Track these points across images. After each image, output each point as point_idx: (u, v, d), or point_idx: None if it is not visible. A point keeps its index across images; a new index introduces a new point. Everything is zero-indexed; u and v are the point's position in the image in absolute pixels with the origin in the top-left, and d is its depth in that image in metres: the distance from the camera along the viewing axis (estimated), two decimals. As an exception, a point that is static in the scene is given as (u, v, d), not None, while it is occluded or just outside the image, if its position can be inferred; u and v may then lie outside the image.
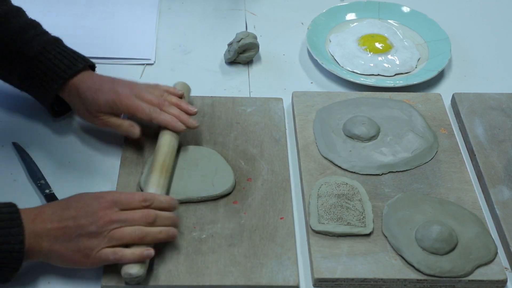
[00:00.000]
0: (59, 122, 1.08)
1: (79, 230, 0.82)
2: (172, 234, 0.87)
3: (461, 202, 0.98)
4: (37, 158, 1.01)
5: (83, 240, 0.82)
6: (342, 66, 1.23)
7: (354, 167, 1.02)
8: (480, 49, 1.30)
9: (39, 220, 0.82)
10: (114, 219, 0.84)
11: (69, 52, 1.01)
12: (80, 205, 0.84)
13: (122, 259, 0.83)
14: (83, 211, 0.83)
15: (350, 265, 0.89)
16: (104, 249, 0.83)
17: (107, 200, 0.85)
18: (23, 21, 1.02)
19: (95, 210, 0.84)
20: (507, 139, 1.08)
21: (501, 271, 0.90)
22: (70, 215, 0.83)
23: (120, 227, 0.84)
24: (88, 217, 0.83)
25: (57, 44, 1.02)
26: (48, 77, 0.99)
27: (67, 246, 0.82)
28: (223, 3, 1.37)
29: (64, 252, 0.82)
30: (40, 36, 1.01)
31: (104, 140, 1.06)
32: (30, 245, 0.81)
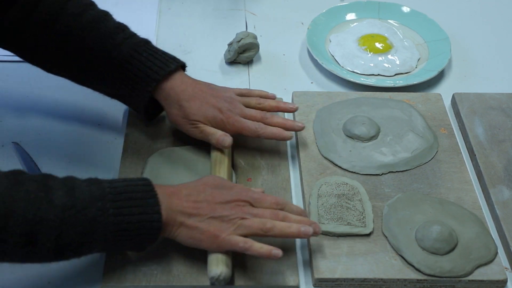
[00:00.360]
0: (59, 122, 1.08)
1: (212, 213, 0.85)
2: (305, 231, 0.86)
3: (461, 202, 0.98)
4: (37, 158, 1.01)
5: (214, 222, 0.85)
6: (342, 66, 1.23)
7: (354, 167, 1.02)
8: (480, 49, 1.31)
9: (176, 197, 0.85)
10: (245, 211, 0.86)
11: (160, 53, 1.00)
12: (215, 192, 0.87)
13: (251, 249, 0.84)
14: (218, 198, 0.86)
15: (350, 265, 0.89)
16: (235, 235, 0.85)
17: (241, 194, 0.88)
18: (112, 25, 1.00)
19: (229, 200, 0.87)
20: (507, 139, 1.08)
21: (501, 271, 0.90)
22: (205, 199, 0.86)
23: (249, 218, 0.86)
24: (222, 204, 0.86)
25: (147, 46, 1.00)
26: (141, 79, 0.98)
27: (198, 224, 0.84)
28: (223, 3, 1.37)
29: (196, 228, 0.84)
30: (130, 39, 1.00)
31: (104, 140, 1.06)
32: (166, 218, 0.83)
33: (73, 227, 0.78)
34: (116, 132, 1.07)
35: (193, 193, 0.87)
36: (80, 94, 1.11)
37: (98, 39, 0.98)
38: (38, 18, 0.97)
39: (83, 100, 1.11)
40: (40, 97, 1.12)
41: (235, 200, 0.87)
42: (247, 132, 1.00)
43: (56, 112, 1.10)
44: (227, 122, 0.99)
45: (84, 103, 1.11)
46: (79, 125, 1.08)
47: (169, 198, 0.84)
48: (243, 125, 1.00)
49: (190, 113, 0.98)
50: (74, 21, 0.98)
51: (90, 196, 0.79)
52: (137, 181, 0.84)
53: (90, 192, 0.80)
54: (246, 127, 1.00)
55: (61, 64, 1.01)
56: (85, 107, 1.10)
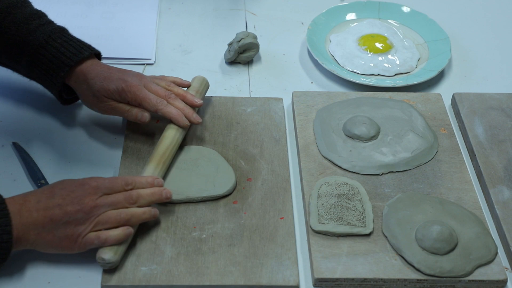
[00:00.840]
0: (59, 122, 1.08)
1: (66, 217, 0.84)
2: (154, 214, 0.89)
3: (461, 202, 0.98)
4: (37, 158, 1.01)
5: (70, 227, 0.84)
6: (342, 66, 1.23)
7: (354, 167, 1.02)
8: (480, 49, 1.30)
9: (25, 209, 0.83)
10: (99, 204, 0.85)
11: (75, 41, 1.02)
12: (65, 192, 0.85)
13: (108, 241, 0.85)
14: (69, 198, 0.85)
15: (350, 265, 0.89)
16: (89, 234, 0.85)
17: (91, 186, 0.86)
18: (28, 11, 1.03)
19: (80, 197, 0.85)
20: (507, 139, 1.08)
21: (501, 271, 0.90)
22: (56, 203, 0.84)
23: (105, 212, 0.86)
24: (74, 204, 0.84)
25: (63, 33, 1.03)
26: (54, 65, 1.00)
27: (54, 233, 0.84)
28: (223, 3, 1.37)
29: (51, 239, 0.84)
30: (46, 25, 1.02)
31: (104, 140, 1.06)
32: (18, 235, 0.82)
33: None
34: (116, 132, 1.07)
35: (42, 199, 0.85)
36: (80, 94, 1.11)
37: (13, 23, 1.01)
38: None
39: (83, 100, 1.11)
40: (40, 97, 1.12)
41: (87, 195, 0.85)
42: (147, 104, 0.99)
43: (56, 112, 1.10)
44: (129, 91, 0.99)
45: (84, 103, 1.11)
46: (79, 125, 1.08)
47: (19, 213, 0.83)
48: (145, 95, 0.99)
49: (96, 89, 0.99)
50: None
51: None
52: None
53: None
54: (147, 99, 0.99)
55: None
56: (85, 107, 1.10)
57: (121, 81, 0.99)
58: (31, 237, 0.83)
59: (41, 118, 1.09)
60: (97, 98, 1.00)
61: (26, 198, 0.85)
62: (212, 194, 0.96)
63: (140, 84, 1.00)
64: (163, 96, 1.00)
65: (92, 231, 0.85)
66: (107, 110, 1.01)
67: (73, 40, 1.02)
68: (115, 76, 0.99)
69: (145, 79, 1.01)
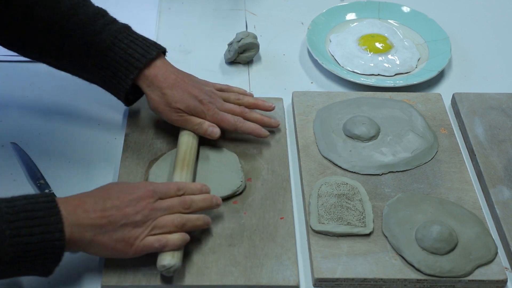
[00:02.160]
0: (58, 122, 1.08)
1: (125, 219, 0.83)
2: (207, 221, 0.89)
3: (461, 202, 0.98)
4: (37, 158, 1.01)
5: (128, 229, 0.83)
6: (342, 66, 1.23)
7: (354, 167, 1.02)
8: (480, 49, 1.30)
9: (81, 210, 0.82)
10: (156, 207, 0.86)
11: (141, 39, 1.00)
12: (122, 194, 0.85)
13: (167, 245, 0.85)
14: (126, 200, 0.84)
15: (350, 265, 0.89)
16: (147, 237, 0.84)
17: (148, 189, 0.86)
18: (91, 11, 1.00)
19: (137, 199, 0.85)
20: (507, 139, 1.08)
21: (501, 271, 0.90)
22: (114, 204, 0.84)
23: (162, 216, 0.86)
24: (132, 206, 0.84)
25: (128, 32, 1.00)
26: (123, 67, 0.98)
27: (111, 235, 0.83)
28: (223, 3, 1.37)
29: (107, 242, 0.83)
30: (110, 25, 0.99)
31: (104, 140, 1.06)
32: (72, 235, 0.80)
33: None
34: (116, 132, 1.07)
35: (99, 200, 0.84)
36: (80, 94, 1.11)
37: (77, 26, 0.98)
38: (16, 5, 0.97)
39: (83, 100, 1.11)
40: (40, 97, 1.12)
41: (144, 198, 0.85)
42: (226, 124, 1.01)
43: (56, 112, 1.10)
44: (208, 114, 1.00)
45: (84, 103, 1.11)
46: (79, 125, 1.08)
47: (74, 212, 0.81)
48: (222, 117, 1.01)
49: (173, 101, 0.99)
50: (53, 7, 0.98)
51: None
52: (38, 198, 0.80)
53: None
54: (225, 120, 1.01)
55: (40, 50, 1.01)
56: (85, 107, 1.10)
57: (198, 101, 1.00)
58: (87, 239, 0.82)
59: (41, 118, 1.09)
60: (171, 109, 0.99)
61: (82, 199, 0.84)
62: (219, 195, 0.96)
63: (215, 106, 1.01)
64: (239, 113, 1.03)
65: (149, 235, 0.84)
66: (178, 121, 1.01)
67: (139, 38, 1.00)
68: (193, 93, 1.00)
69: (217, 99, 1.02)
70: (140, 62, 0.98)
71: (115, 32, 0.99)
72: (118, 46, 0.98)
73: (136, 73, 0.98)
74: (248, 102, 1.05)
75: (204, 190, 0.91)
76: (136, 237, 0.83)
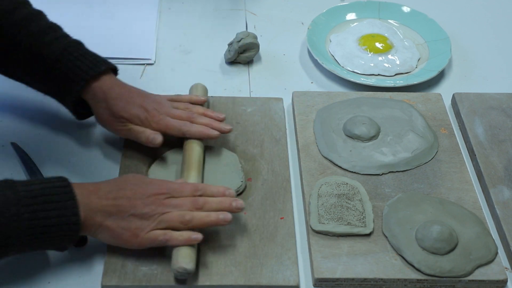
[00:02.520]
0: (58, 122, 1.08)
1: (132, 210, 0.85)
2: (224, 218, 0.88)
3: (462, 202, 0.98)
4: (37, 158, 1.01)
5: (135, 220, 0.85)
6: (342, 66, 1.23)
7: (355, 167, 1.02)
8: (480, 49, 1.31)
9: (94, 196, 0.85)
10: (166, 203, 0.87)
11: (91, 54, 1.01)
12: (135, 187, 0.87)
13: (171, 240, 0.85)
14: (138, 193, 0.87)
15: (350, 265, 0.89)
16: (154, 230, 0.85)
17: (161, 186, 0.88)
18: (44, 24, 1.01)
19: (149, 194, 0.87)
20: (507, 139, 1.08)
21: (501, 271, 0.90)
22: (125, 195, 0.86)
23: (170, 212, 0.86)
24: (142, 199, 0.86)
25: (78, 46, 1.01)
26: (70, 79, 0.99)
27: (118, 223, 0.85)
28: (223, 3, 1.37)
29: (115, 228, 0.85)
30: (61, 39, 1.01)
31: (104, 140, 1.06)
32: (85, 218, 0.83)
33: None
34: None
35: (113, 189, 0.87)
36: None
37: (28, 37, 0.99)
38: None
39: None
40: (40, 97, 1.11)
41: (155, 194, 0.87)
42: (171, 130, 1.00)
43: (55, 112, 1.10)
44: (152, 120, 0.99)
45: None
46: (79, 125, 1.08)
47: (88, 197, 0.84)
48: (167, 123, 0.99)
49: (116, 111, 0.99)
50: (6, 18, 0.99)
51: (4, 202, 0.79)
52: (54, 182, 0.83)
53: (4, 197, 0.79)
54: (170, 125, 0.99)
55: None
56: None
57: (143, 109, 0.99)
58: (97, 223, 0.84)
59: (40, 118, 1.09)
60: (115, 119, 0.99)
61: (97, 186, 0.87)
62: None
63: (161, 113, 1.00)
64: (186, 118, 1.01)
65: (155, 229, 0.86)
66: (122, 131, 1.00)
67: (89, 54, 1.01)
68: (137, 101, 1.00)
69: (164, 106, 1.01)
70: (87, 74, 0.98)
71: (65, 45, 1.00)
72: (67, 58, 0.99)
73: (82, 85, 0.98)
74: (197, 111, 1.03)
75: (227, 194, 0.90)
76: (141, 229, 0.85)
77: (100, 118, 1.01)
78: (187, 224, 0.86)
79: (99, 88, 0.99)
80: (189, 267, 0.84)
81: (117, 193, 0.86)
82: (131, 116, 0.99)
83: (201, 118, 1.02)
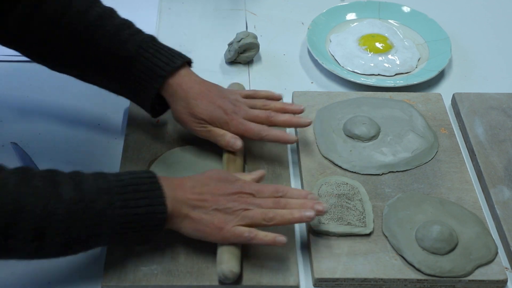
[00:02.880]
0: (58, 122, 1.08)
1: (216, 205, 0.86)
2: (309, 215, 0.87)
3: (462, 202, 0.98)
4: (37, 158, 1.01)
5: (218, 214, 0.86)
6: (342, 66, 1.23)
7: (355, 167, 1.02)
8: (480, 49, 1.30)
9: (180, 189, 0.86)
10: (249, 201, 0.87)
11: (166, 50, 1.00)
12: (219, 184, 0.88)
13: (256, 239, 0.86)
14: (222, 190, 0.88)
15: (350, 265, 0.89)
16: (239, 226, 0.86)
17: (244, 186, 0.89)
18: (117, 22, 1.00)
19: (232, 192, 0.88)
20: (507, 139, 1.08)
21: (501, 271, 0.90)
22: (209, 191, 0.87)
23: (252, 209, 0.87)
24: (226, 195, 0.87)
25: (153, 42, 1.00)
26: (147, 76, 0.98)
27: (202, 216, 0.86)
28: (223, 3, 1.37)
29: (200, 220, 0.86)
30: (135, 36, 0.99)
31: (104, 140, 1.06)
32: (172, 209, 0.84)
33: (81, 221, 0.79)
34: (116, 132, 1.07)
35: (198, 185, 0.88)
36: (80, 94, 1.11)
37: (104, 36, 0.98)
38: (43, 16, 0.97)
39: (83, 100, 1.11)
40: (40, 97, 1.12)
41: (238, 193, 0.88)
42: (250, 134, 0.99)
43: (55, 112, 1.10)
44: (231, 124, 0.99)
45: (84, 103, 1.11)
46: (79, 125, 1.08)
47: (174, 190, 0.86)
48: (246, 127, 0.99)
49: (197, 111, 0.98)
50: (80, 18, 0.97)
51: (97, 190, 0.80)
52: (142, 174, 0.85)
53: (97, 186, 0.81)
54: (249, 129, 0.99)
55: (66, 62, 1.01)
56: (85, 107, 1.10)
57: (222, 111, 0.99)
58: (182, 214, 0.85)
59: (40, 118, 1.09)
60: (195, 119, 0.99)
61: (182, 181, 0.88)
62: None
63: (240, 117, 0.99)
64: (264, 117, 1.00)
65: (239, 225, 0.86)
66: (202, 132, 1.00)
67: (164, 48, 1.00)
68: (217, 102, 0.99)
69: (242, 107, 1.01)
70: (164, 71, 0.97)
71: (140, 42, 0.98)
72: (143, 55, 0.98)
73: (160, 82, 0.98)
74: (275, 108, 1.03)
75: (309, 198, 0.90)
76: (225, 223, 0.86)
77: (178, 115, 1.00)
78: (269, 221, 0.87)
79: (178, 85, 0.98)
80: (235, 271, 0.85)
81: (201, 188, 0.87)
82: (211, 119, 0.98)
83: (280, 116, 1.01)
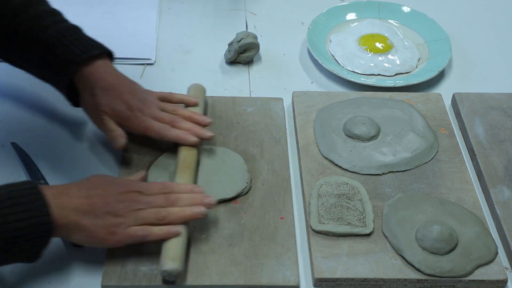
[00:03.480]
0: (58, 122, 1.08)
1: (106, 208, 0.84)
2: (199, 211, 0.88)
3: (462, 202, 0.98)
4: (37, 158, 1.01)
5: (110, 217, 0.84)
6: (342, 66, 1.23)
7: (355, 167, 1.02)
8: (480, 49, 1.31)
9: (65, 196, 0.84)
10: (139, 200, 0.87)
11: (86, 39, 1.00)
12: (106, 186, 0.87)
13: (150, 235, 0.85)
14: (110, 191, 0.86)
15: (350, 265, 0.89)
16: (132, 227, 0.85)
17: (131, 185, 0.88)
18: (43, 9, 1.01)
19: (121, 191, 0.86)
20: (507, 139, 1.08)
21: (501, 271, 0.90)
22: (97, 193, 0.85)
23: (144, 209, 0.86)
24: (115, 195, 0.86)
25: (75, 30, 1.00)
26: (64, 63, 0.98)
27: (93, 221, 0.84)
28: (223, 3, 1.37)
29: (90, 227, 0.83)
30: (58, 23, 1.00)
31: (104, 140, 1.06)
32: (58, 218, 0.81)
33: None
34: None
35: (84, 188, 0.86)
36: (80, 94, 1.11)
37: (26, 20, 0.99)
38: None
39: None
40: (40, 97, 1.12)
41: (126, 191, 0.87)
42: (150, 132, 0.99)
43: (56, 112, 1.10)
44: (133, 121, 0.98)
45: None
46: (79, 125, 1.08)
47: (58, 197, 0.82)
48: (147, 124, 0.98)
49: (100, 103, 0.98)
50: (5, 2, 0.99)
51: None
52: (21, 185, 0.81)
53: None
54: (150, 127, 0.98)
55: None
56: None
57: (127, 107, 0.98)
58: (71, 222, 0.83)
59: (41, 118, 1.09)
60: (97, 110, 0.99)
61: (66, 186, 0.86)
62: (222, 198, 0.96)
63: (145, 115, 0.99)
64: (169, 122, 0.99)
65: (133, 226, 0.85)
66: (98, 122, 1.00)
67: (85, 38, 1.00)
68: (124, 98, 0.98)
69: (151, 107, 1.00)
70: (79, 58, 0.97)
71: (61, 29, 0.99)
72: (62, 42, 0.98)
73: (74, 69, 0.97)
74: (183, 115, 1.01)
75: (196, 191, 0.90)
76: (117, 225, 0.84)
77: (84, 105, 1.00)
78: (163, 220, 0.86)
79: (90, 75, 0.98)
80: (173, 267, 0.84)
81: (88, 191, 0.85)
82: (113, 112, 0.98)
83: (183, 123, 1.00)
